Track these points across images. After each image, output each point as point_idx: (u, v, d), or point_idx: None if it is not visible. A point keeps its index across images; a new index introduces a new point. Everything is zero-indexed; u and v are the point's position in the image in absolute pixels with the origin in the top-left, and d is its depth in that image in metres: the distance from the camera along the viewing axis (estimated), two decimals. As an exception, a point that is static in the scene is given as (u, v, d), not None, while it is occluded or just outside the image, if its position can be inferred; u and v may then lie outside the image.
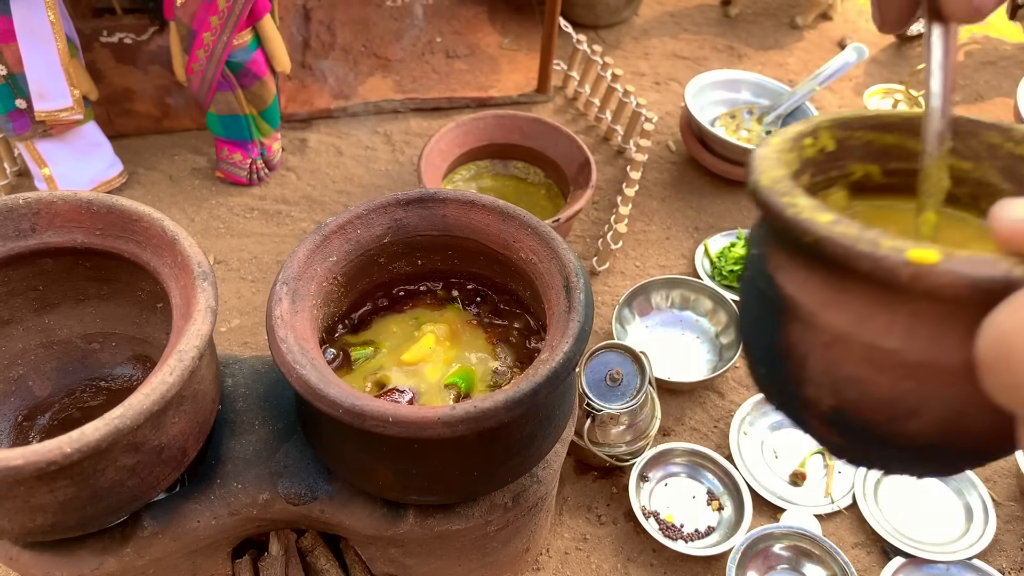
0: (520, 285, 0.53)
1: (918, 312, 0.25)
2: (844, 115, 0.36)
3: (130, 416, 0.39)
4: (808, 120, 0.36)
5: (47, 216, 0.48)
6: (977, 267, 0.23)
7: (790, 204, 0.28)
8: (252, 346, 0.80)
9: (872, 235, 0.25)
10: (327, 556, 0.57)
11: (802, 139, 0.34)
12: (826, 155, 0.35)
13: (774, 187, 0.29)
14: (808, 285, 0.28)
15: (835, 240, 0.25)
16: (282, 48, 0.87)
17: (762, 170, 0.31)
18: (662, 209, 0.96)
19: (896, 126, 0.36)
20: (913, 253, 0.23)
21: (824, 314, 0.27)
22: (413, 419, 0.40)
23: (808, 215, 0.27)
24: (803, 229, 0.27)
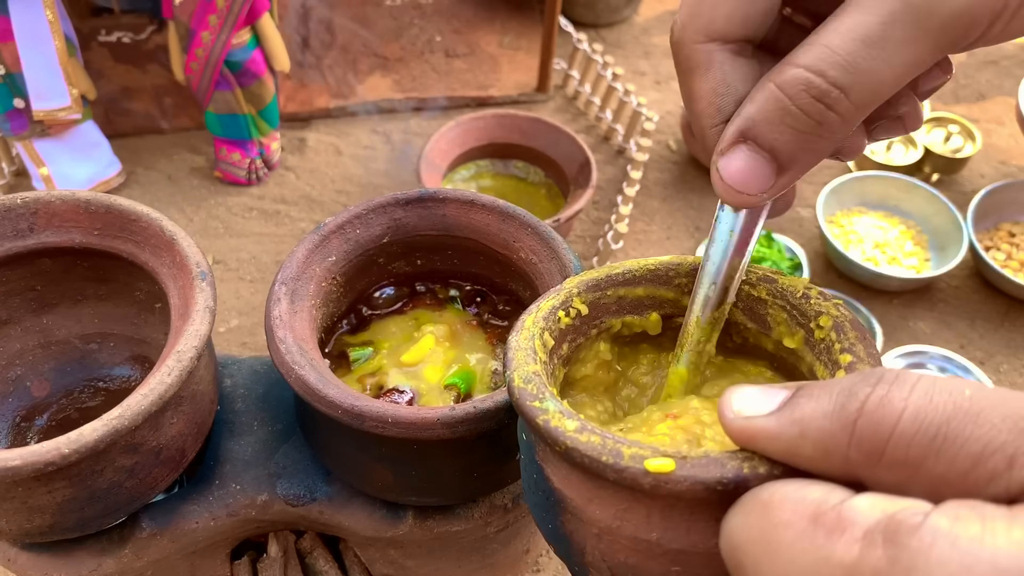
0: (520, 285, 0.53)
1: (669, 507, 0.27)
2: (592, 276, 0.38)
3: (128, 417, 0.39)
4: (559, 290, 0.38)
5: (45, 216, 0.48)
6: (709, 470, 0.25)
7: (541, 411, 0.30)
8: (251, 346, 0.80)
9: (613, 444, 0.27)
10: (326, 557, 0.57)
11: (555, 314, 0.37)
12: (582, 319, 0.38)
13: (526, 388, 0.31)
14: (571, 481, 0.30)
15: (581, 451, 0.27)
16: (281, 47, 0.87)
17: (515, 366, 0.33)
18: (663, 209, 0.96)
19: (644, 278, 0.38)
20: (650, 464, 0.25)
21: (588, 509, 0.29)
22: (412, 420, 0.40)
23: (556, 423, 0.29)
24: (552, 438, 0.28)
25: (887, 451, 0.21)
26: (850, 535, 0.20)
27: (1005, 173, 1.04)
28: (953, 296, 0.90)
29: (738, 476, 0.24)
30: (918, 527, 0.19)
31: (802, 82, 0.28)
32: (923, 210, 0.93)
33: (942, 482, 0.20)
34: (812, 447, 0.22)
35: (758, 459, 0.24)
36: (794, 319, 0.34)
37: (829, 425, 0.22)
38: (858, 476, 0.22)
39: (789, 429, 0.23)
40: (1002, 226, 0.93)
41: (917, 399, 0.21)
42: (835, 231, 0.91)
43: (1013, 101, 1.08)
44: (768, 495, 0.22)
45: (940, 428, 0.20)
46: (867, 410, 0.21)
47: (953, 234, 0.90)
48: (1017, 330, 0.87)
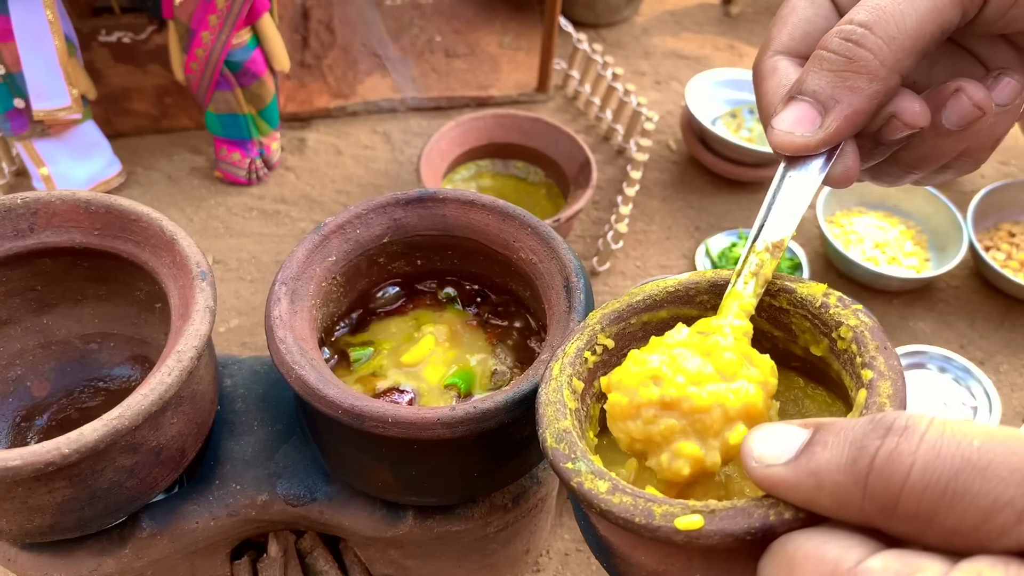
0: (520, 285, 0.53)
1: (706, 554, 0.28)
2: (614, 307, 0.39)
3: (128, 417, 0.39)
4: (583, 328, 0.38)
5: (45, 216, 0.48)
6: (737, 522, 0.26)
7: (575, 473, 0.31)
8: (251, 346, 0.80)
9: (644, 503, 0.28)
10: (326, 557, 0.57)
11: (581, 355, 0.37)
12: (610, 352, 0.39)
13: (559, 448, 0.32)
14: (614, 531, 0.31)
15: (615, 513, 0.28)
16: (281, 47, 0.87)
17: (546, 424, 0.34)
18: (663, 209, 0.96)
19: (665, 301, 0.39)
20: (680, 523, 0.27)
21: (635, 555, 0.31)
22: (412, 420, 0.40)
23: (589, 485, 0.30)
24: (587, 501, 0.30)
25: (899, 506, 0.22)
26: None
27: (1005, 173, 1.04)
28: (953, 296, 0.90)
29: (765, 524, 0.25)
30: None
31: (835, 31, 0.33)
32: (923, 210, 0.93)
33: (955, 534, 0.21)
34: (829, 499, 0.24)
35: (783, 505, 0.26)
36: (817, 328, 0.34)
37: (843, 479, 0.23)
38: (875, 526, 0.23)
39: (806, 480, 0.24)
40: (1002, 226, 0.93)
41: (925, 452, 0.21)
42: (835, 231, 0.91)
43: (1013, 101, 1.07)
44: (793, 549, 0.24)
45: (949, 483, 0.21)
46: (877, 465, 0.22)
47: (953, 234, 0.90)
48: (1017, 330, 0.87)
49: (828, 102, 0.33)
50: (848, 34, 0.32)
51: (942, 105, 0.36)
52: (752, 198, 0.98)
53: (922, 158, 0.38)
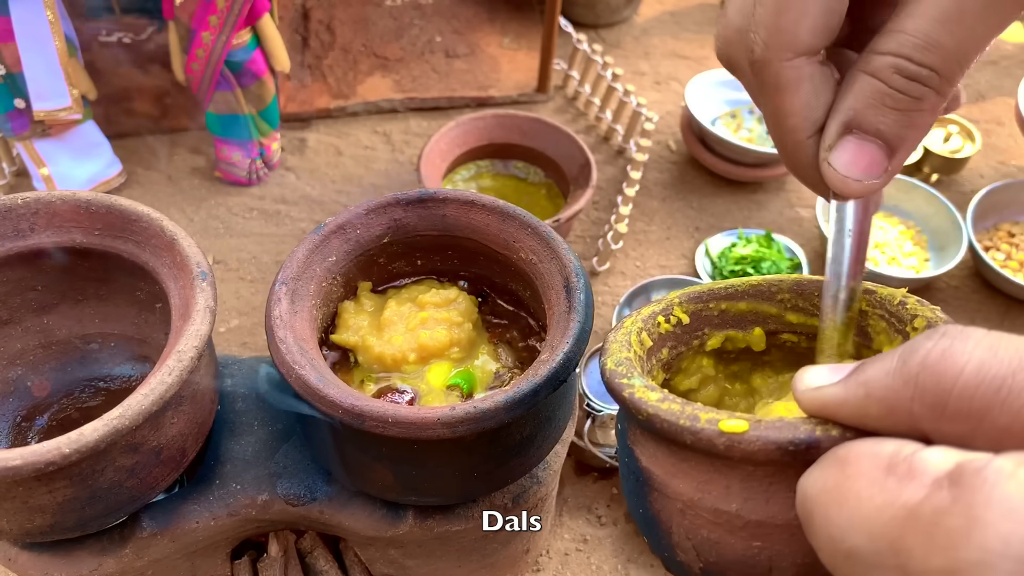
0: (520, 285, 0.53)
1: (747, 476, 0.27)
2: (694, 289, 0.39)
3: (129, 417, 0.39)
4: (660, 299, 0.39)
5: (46, 216, 0.48)
6: (782, 432, 0.25)
7: (627, 385, 0.31)
8: (251, 346, 0.80)
9: (692, 410, 0.28)
10: (326, 557, 0.57)
11: (655, 319, 0.38)
12: (683, 327, 0.39)
13: (616, 369, 0.33)
14: (657, 457, 0.31)
15: (661, 416, 0.28)
16: (281, 47, 0.87)
17: (610, 353, 0.35)
18: (663, 209, 0.96)
19: (746, 293, 0.39)
20: (724, 424, 0.26)
21: (673, 483, 0.30)
22: (412, 420, 0.40)
23: (640, 394, 0.30)
24: (636, 407, 0.30)
25: (950, 403, 0.21)
26: (919, 482, 0.20)
27: (1004, 173, 1.04)
28: (953, 296, 0.90)
29: (810, 438, 0.25)
30: (982, 468, 0.19)
31: (892, 66, 0.29)
32: (922, 210, 0.93)
33: (1007, 434, 0.20)
34: (877, 406, 0.23)
35: (831, 424, 0.25)
36: (893, 326, 0.34)
37: (892, 381, 0.22)
38: (923, 430, 0.22)
39: (856, 392, 0.23)
40: (1002, 226, 0.93)
41: (981, 352, 0.21)
42: (835, 231, 0.91)
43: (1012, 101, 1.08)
44: (845, 452, 0.23)
45: (1005, 380, 0.20)
46: (929, 363, 0.21)
47: (952, 234, 0.90)
48: (1017, 330, 0.87)
49: (896, 142, 0.30)
50: (915, 75, 0.29)
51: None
52: (752, 198, 0.98)
53: None
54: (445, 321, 0.50)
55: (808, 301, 0.38)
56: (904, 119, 0.30)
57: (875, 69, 0.30)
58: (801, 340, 0.39)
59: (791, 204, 0.98)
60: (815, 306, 0.37)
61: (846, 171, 0.31)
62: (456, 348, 0.50)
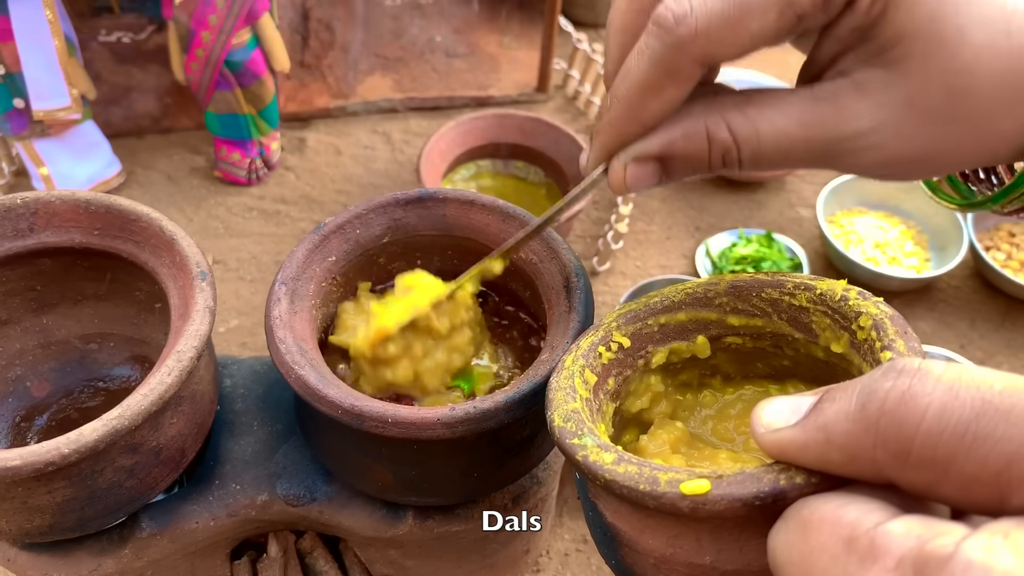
0: (520, 285, 0.53)
1: (717, 528, 0.27)
2: (631, 308, 0.39)
3: (128, 417, 0.39)
4: (598, 326, 0.38)
5: (45, 216, 0.48)
6: (746, 487, 0.25)
7: (580, 448, 0.30)
8: (251, 346, 0.80)
9: (650, 471, 0.27)
10: (326, 557, 0.57)
11: (595, 350, 0.37)
12: (625, 351, 0.38)
13: (565, 426, 0.32)
14: (621, 513, 0.30)
15: (619, 482, 0.27)
16: (281, 47, 0.87)
17: (555, 406, 0.34)
18: (663, 209, 0.96)
19: (683, 303, 0.38)
20: (685, 487, 0.25)
21: (642, 540, 0.29)
22: (412, 420, 0.40)
23: (594, 457, 0.29)
24: (592, 473, 0.29)
25: (913, 452, 0.20)
26: (881, 565, 0.19)
27: (1005, 173, 1.03)
28: (953, 296, 0.90)
29: (775, 489, 0.24)
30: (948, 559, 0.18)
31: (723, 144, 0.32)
32: (923, 210, 0.93)
33: (974, 482, 0.20)
34: (839, 453, 0.22)
35: (794, 470, 0.24)
36: (837, 323, 0.34)
37: (852, 427, 0.21)
38: (888, 477, 0.21)
39: (815, 436, 0.23)
40: (1002, 226, 0.93)
41: (942, 394, 0.20)
42: (835, 231, 0.91)
43: (1013, 101, 1.07)
44: (808, 513, 0.22)
45: (969, 426, 0.19)
46: (888, 408, 0.21)
47: (953, 234, 0.90)
48: (1017, 330, 0.87)
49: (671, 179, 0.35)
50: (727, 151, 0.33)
51: None
52: (752, 198, 0.98)
53: None
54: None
55: (747, 302, 0.37)
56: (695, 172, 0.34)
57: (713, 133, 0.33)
58: (745, 341, 0.38)
59: (791, 204, 0.98)
60: (755, 307, 0.37)
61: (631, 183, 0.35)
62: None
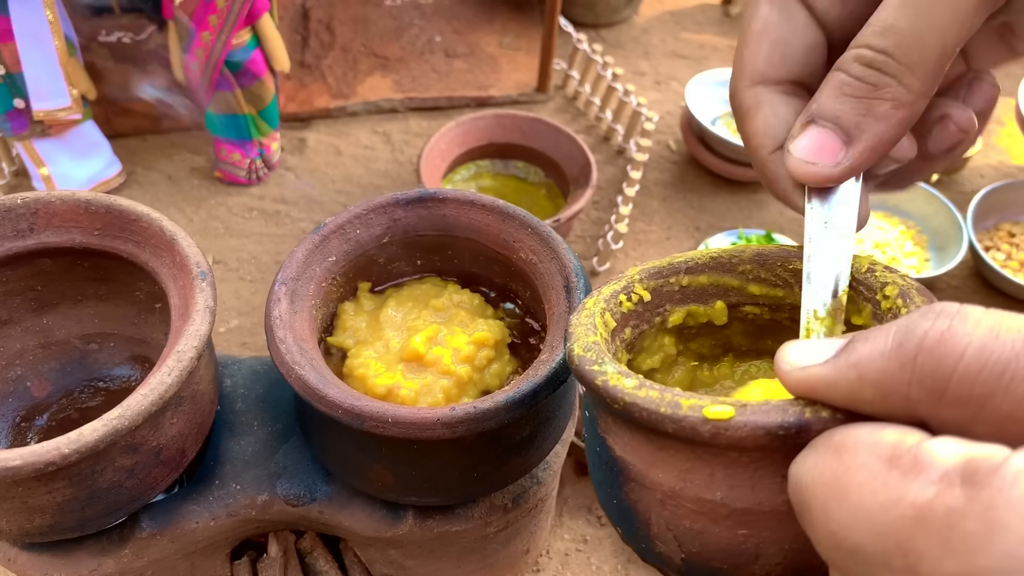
0: (520, 285, 0.53)
1: (732, 463, 0.26)
2: (654, 264, 0.38)
3: (128, 417, 0.39)
4: (620, 277, 0.37)
5: (45, 216, 0.48)
6: (769, 416, 0.24)
7: (600, 373, 0.29)
8: (251, 347, 0.80)
9: (672, 396, 0.26)
10: (326, 557, 0.57)
11: (616, 298, 0.36)
12: (644, 305, 0.37)
13: (585, 355, 0.31)
14: (633, 446, 0.29)
15: (640, 405, 0.27)
16: (281, 47, 0.87)
17: (575, 339, 0.33)
18: (663, 209, 0.96)
19: (707, 266, 0.38)
20: (708, 410, 0.25)
21: (651, 473, 0.28)
22: (412, 420, 0.40)
23: (615, 382, 0.28)
24: (612, 396, 0.28)
25: (950, 388, 0.20)
26: (926, 477, 0.19)
27: (1005, 173, 1.04)
28: (953, 296, 0.90)
29: (800, 421, 0.24)
30: (999, 467, 0.18)
31: (854, 56, 0.30)
32: (923, 210, 0.93)
33: (1010, 420, 0.19)
34: (872, 390, 0.22)
35: (820, 405, 0.24)
36: (860, 295, 0.33)
37: (887, 364, 0.21)
38: (920, 416, 0.21)
39: (847, 374, 0.22)
40: (1002, 226, 0.93)
41: (982, 334, 0.20)
42: (835, 231, 0.91)
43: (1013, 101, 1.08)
44: (841, 438, 0.22)
45: (1009, 364, 0.19)
46: (927, 346, 0.20)
47: (953, 234, 0.90)
48: (1017, 330, 0.87)
49: (853, 130, 0.31)
50: (870, 61, 0.30)
51: (928, 132, 0.35)
52: (752, 198, 0.98)
53: (907, 179, 0.37)
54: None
55: (770, 272, 0.37)
56: (860, 106, 0.30)
57: (841, 62, 0.31)
58: (764, 312, 0.38)
59: (791, 204, 0.98)
60: (778, 276, 0.36)
61: (800, 154, 0.31)
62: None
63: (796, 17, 0.34)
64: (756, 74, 0.33)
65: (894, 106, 0.30)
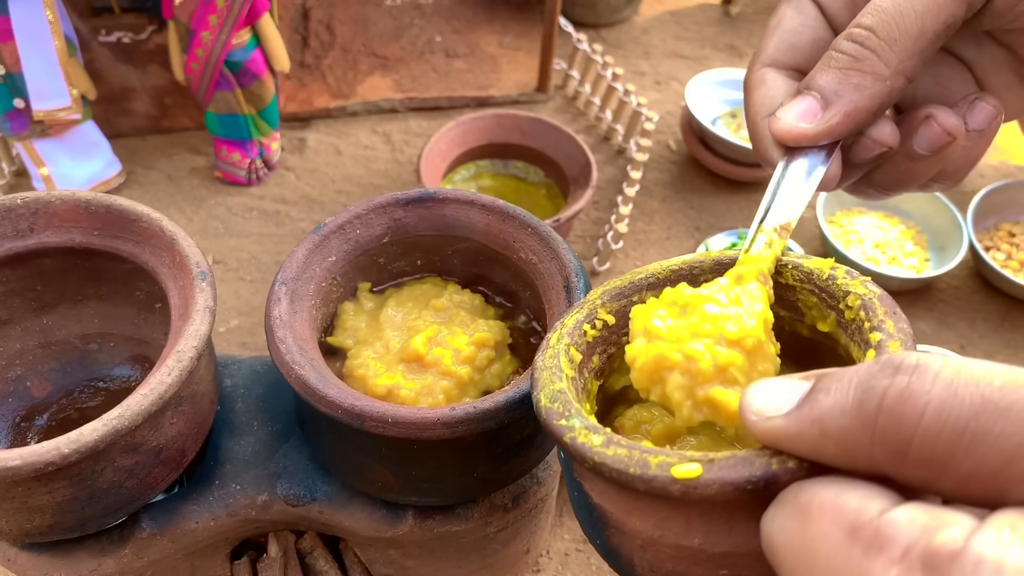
0: (520, 285, 0.53)
1: (706, 511, 0.26)
2: (616, 284, 0.38)
3: (128, 417, 0.39)
4: (583, 303, 0.38)
5: (45, 216, 0.48)
6: (737, 471, 0.24)
7: (567, 429, 0.30)
8: (251, 347, 0.80)
9: (640, 455, 0.26)
10: (326, 557, 0.57)
11: (580, 328, 0.36)
12: (610, 328, 0.37)
13: (552, 407, 0.31)
14: (608, 495, 0.30)
15: (609, 465, 0.27)
16: (281, 47, 0.87)
17: (541, 386, 0.33)
18: (663, 209, 0.96)
19: (668, 279, 0.38)
20: (676, 470, 0.25)
21: (629, 521, 0.29)
22: (412, 420, 0.40)
23: (583, 439, 0.29)
24: (580, 456, 0.28)
25: (912, 450, 0.20)
26: (887, 556, 0.19)
27: (1005, 173, 1.04)
28: (953, 296, 0.90)
29: (767, 474, 0.24)
30: (959, 554, 0.18)
31: (843, 35, 0.35)
32: (923, 210, 0.93)
33: (972, 480, 0.19)
34: (835, 447, 0.22)
35: (787, 455, 0.24)
36: (824, 302, 0.33)
37: (849, 424, 0.21)
38: (885, 473, 0.21)
39: (810, 429, 0.22)
40: (1002, 226, 0.93)
41: (940, 392, 0.20)
42: (835, 231, 0.91)
43: (1013, 101, 1.08)
44: (807, 498, 0.22)
45: (968, 424, 0.19)
46: (886, 406, 0.20)
47: (953, 234, 0.90)
48: (1017, 330, 0.87)
49: (831, 97, 0.34)
50: (855, 36, 0.34)
51: (913, 130, 0.37)
52: (752, 198, 0.98)
53: (896, 180, 0.39)
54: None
55: None
56: (841, 76, 0.34)
57: (834, 43, 0.35)
58: None
59: (791, 204, 0.98)
60: None
61: (783, 115, 0.35)
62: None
63: (807, 14, 0.39)
64: (766, 58, 0.39)
65: (873, 79, 0.34)
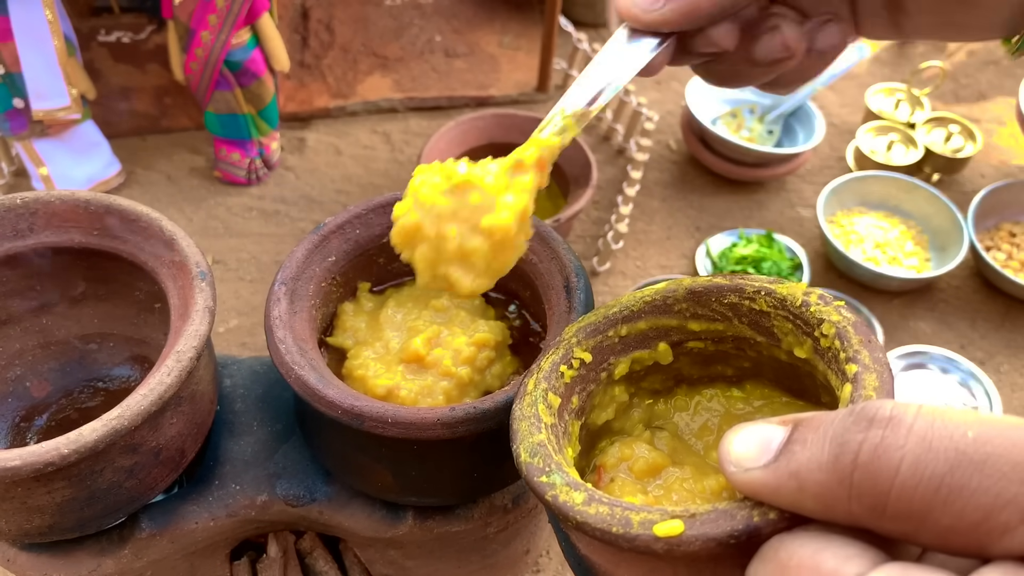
0: (520, 285, 0.53)
1: (692, 563, 0.26)
2: (590, 320, 0.38)
3: (128, 417, 0.39)
4: (558, 342, 0.38)
5: (44, 216, 0.48)
6: (719, 525, 0.24)
7: (548, 487, 0.30)
8: (250, 347, 0.80)
9: (622, 513, 0.27)
10: (326, 558, 0.56)
11: (557, 370, 0.36)
12: (587, 366, 0.37)
13: (532, 462, 0.32)
14: (594, 547, 0.30)
15: (591, 524, 0.27)
16: (281, 47, 0.87)
17: (520, 439, 0.33)
18: (663, 209, 0.96)
19: (642, 311, 0.38)
20: (659, 528, 0.25)
21: (618, 572, 0.29)
22: (412, 420, 0.40)
23: (564, 497, 0.29)
24: (563, 515, 0.28)
25: (889, 505, 0.20)
26: None
27: (1006, 173, 1.04)
28: (953, 296, 0.90)
29: (749, 527, 0.24)
30: None
31: None
32: (924, 210, 0.93)
33: (951, 533, 0.20)
34: (813, 501, 0.22)
35: (767, 505, 0.24)
36: (799, 328, 0.33)
37: (825, 479, 0.21)
38: (864, 526, 0.21)
39: (788, 483, 0.23)
40: (1003, 226, 0.93)
41: (915, 446, 0.20)
42: (836, 231, 0.91)
43: (1013, 101, 1.08)
44: (786, 557, 0.22)
45: (943, 479, 0.19)
46: (862, 462, 0.20)
47: (953, 234, 0.90)
48: (1017, 330, 0.87)
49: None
50: None
51: (757, 37, 0.38)
52: (752, 198, 0.98)
53: (731, 76, 0.41)
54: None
55: (706, 307, 0.37)
56: None
57: None
58: (707, 344, 0.38)
59: (791, 204, 0.98)
60: (715, 311, 0.37)
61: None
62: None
63: None
64: None
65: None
